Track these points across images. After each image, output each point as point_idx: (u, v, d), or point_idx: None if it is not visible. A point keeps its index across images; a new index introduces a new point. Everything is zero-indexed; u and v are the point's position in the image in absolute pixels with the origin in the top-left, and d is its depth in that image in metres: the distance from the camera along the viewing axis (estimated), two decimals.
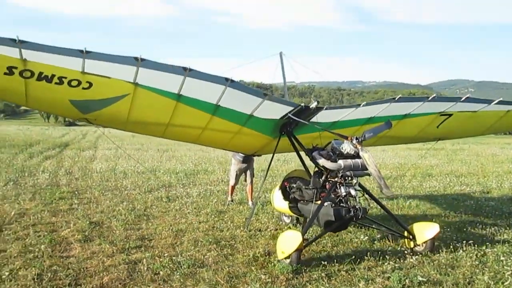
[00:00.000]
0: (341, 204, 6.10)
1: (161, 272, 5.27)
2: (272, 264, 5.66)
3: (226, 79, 5.18)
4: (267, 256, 6.01)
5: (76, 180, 13.05)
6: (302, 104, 6.15)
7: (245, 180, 9.96)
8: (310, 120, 6.39)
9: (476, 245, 6.41)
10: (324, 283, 5.03)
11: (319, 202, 6.26)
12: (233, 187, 9.96)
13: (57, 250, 6.13)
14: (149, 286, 4.87)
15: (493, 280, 5.10)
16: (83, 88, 4.97)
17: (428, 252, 6.21)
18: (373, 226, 7.19)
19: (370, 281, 5.09)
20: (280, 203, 7.23)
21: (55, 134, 41.94)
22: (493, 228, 7.71)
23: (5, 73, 4.51)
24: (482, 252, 6.21)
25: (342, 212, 6.00)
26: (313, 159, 6.34)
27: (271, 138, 7.24)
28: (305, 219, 7.07)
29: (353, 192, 6.09)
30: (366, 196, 6.46)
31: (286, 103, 6.30)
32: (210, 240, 6.71)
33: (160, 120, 6.36)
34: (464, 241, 6.57)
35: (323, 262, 5.62)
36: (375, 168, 5.69)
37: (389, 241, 6.85)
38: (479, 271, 5.44)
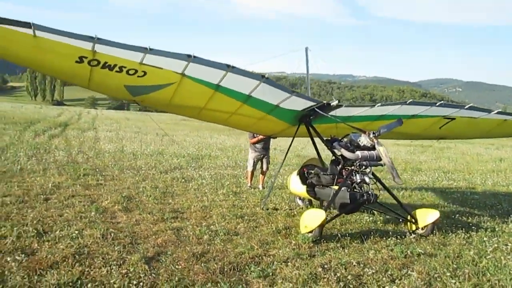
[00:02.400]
0: (356, 189, 7.02)
1: (204, 237, 6.25)
2: (293, 236, 6.65)
3: (262, 76, 6.11)
4: (287, 230, 6.99)
5: (92, 159, 13.87)
6: (325, 102, 7.11)
7: (261, 167, 10.91)
8: (330, 113, 7.34)
9: (463, 229, 7.45)
10: (340, 251, 6.04)
11: (335, 187, 7.25)
12: (252, 173, 10.82)
13: (106, 217, 7.07)
14: (196, 247, 5.82)
15: (477, 255, 6.12)
16: (138, 76, 5.81)
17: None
18: (381, 211, 8.10)
19: (377, 252, 6.10)
20: (297, 187, 8.20)
21: (51, 113, 42.36)
22: (477, 217, 8.77)
23: (76, 61, 5.31)
24: (468, 235, 7.24)
25: (357, 196, 6.92)
26: (333, 149, 7.31)
27: (290, 125, 8.19)
28: (321, 201, 8.04)
29: (367, 179, 7.03)
30: (377, 184, 7.43)
31: (310, 100, 7.25)
32: (236, 215, 7.68)
33: (197, 105, 7.33)
34: (453, 226, 7.65)
35: (337, 236, 6.63)
36: (388, 160, 6.68)
37: (391, 223, 7.86)
38: (466, 248, 6.48)
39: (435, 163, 20.63)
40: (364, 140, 6.94)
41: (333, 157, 7.63)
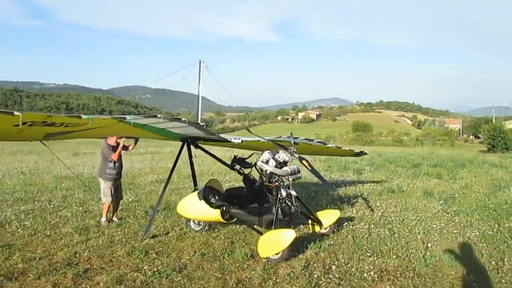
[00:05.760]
0: (283, 204, 7.15)
1: (163, 280, 5.72)
2: (224, 258, 6.70)
3: (185, 121, 6.12)
4: (211, 253, 6.96)
5: None
6: (228, 139, 7.66)
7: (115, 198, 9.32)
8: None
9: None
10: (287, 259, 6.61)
11: (255, 205, 7.48)
12: (108, 206, 9.18)
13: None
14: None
15: (378, 238, 7.83)
16: (74, 125, 5.01)
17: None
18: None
19: (305, 249, 7.09)
20: (198, 211, 7.64)
21: None
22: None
23: (14, 125, 4.28)
24: (350, 224, 8.88)
25: (287, 210, 7.16)
26: (259, 167, 7.37)
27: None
28: (241, 221, 7.84)
29: (293, 193, 7.19)
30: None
31: (219, 137, 7.69)
32: (141, 250, 6.98)
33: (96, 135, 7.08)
34: None
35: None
36: (317, 171, 7.09)
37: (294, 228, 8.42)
38: (364, 233, 8.14)
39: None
40: (284, 156, 7.11)
41: (244, 177, 7.87)
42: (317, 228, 8.13)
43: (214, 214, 7.48)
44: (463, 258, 6.71)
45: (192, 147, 8.36)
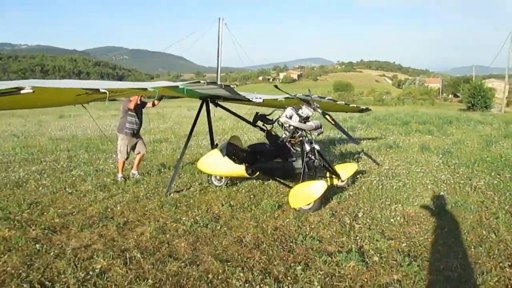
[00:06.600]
0: (306, 158, 7.31)
1: (205, 230, 6.02)
2: (252, 209, 7.01)
3: (221, 85, 6.36)
4: (241, 204, 7.27)
5: None
6: (252, 99, 7.72)
7: (137, 152, 9.61)
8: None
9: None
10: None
11: (279, 159, 7.74)
12: (123, 163, 9.40)
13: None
14: (223, 240, 5.67)
15: (391, 188, 8.34)
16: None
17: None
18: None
19: (326, 200, 7.39)
20: (222, 167, 7.65)
21: None
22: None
23: (77, 95, 4.88)
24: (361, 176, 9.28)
25: (311, 164, 7.41)
26: (283, 123, 7.53)
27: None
28: (266, 175, 8.05)
29: (317, 147, 7.44)
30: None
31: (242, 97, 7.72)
32: (171, 203, 7.26)
33: None
34: None
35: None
36: (340, 126, 7.38)
37: None
38: (378, 183, 8.69)
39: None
40: (308, 111, 7.29)
41: (266, 133, 7.99)
42: (335, 181, 8.44)
43: (238, 169, 7.57)
44: (477, 204, 7.19)
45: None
